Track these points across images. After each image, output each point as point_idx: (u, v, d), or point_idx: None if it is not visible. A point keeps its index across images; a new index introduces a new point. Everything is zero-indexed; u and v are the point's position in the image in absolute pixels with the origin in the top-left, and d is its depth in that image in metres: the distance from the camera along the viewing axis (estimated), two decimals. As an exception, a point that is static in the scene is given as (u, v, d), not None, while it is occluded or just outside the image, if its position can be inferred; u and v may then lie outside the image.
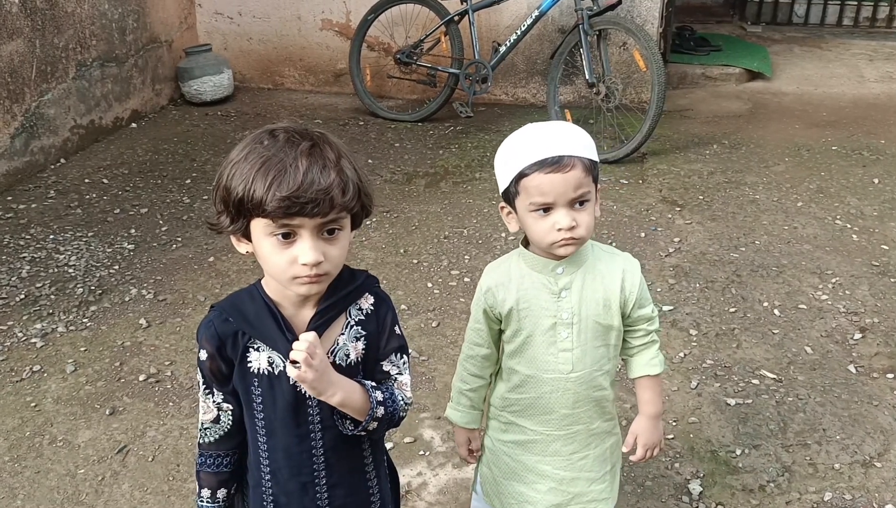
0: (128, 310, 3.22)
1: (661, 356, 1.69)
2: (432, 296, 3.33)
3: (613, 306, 1.59)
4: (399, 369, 1.43)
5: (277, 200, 1.16)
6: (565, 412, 1.63)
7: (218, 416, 1.38)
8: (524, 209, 1.49)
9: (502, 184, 1.52)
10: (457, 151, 4.88)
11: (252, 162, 1.19)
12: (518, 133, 1.51)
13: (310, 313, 1.33)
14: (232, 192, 1.21)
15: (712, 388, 2.77)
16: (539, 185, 1.44)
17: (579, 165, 1.44)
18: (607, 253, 1.63)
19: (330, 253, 1.24)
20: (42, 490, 2.33)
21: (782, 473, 2.42)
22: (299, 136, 1.22)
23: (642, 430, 1.71)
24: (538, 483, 1.71)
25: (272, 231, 1.20)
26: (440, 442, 2.51)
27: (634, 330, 1.65)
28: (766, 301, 3.29)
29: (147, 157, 4.79)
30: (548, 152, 1.43)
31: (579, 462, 1.69)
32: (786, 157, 4.77)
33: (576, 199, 1.46)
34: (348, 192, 1.22)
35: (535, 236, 1.50)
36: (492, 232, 3.86)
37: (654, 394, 1.70)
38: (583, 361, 1.59)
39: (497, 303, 1.60)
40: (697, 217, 4.01)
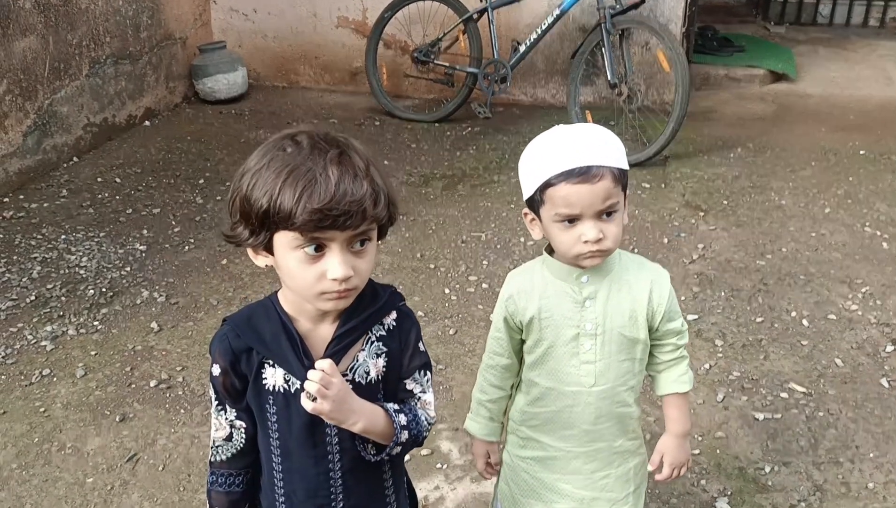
0: (139, 313, 3.16)
1: (690, 373, 1.61)
2: (450, 302, 3.25)
3: (640, 319, 1.51)
4: (423, 387, 1.36)
5: (309, 212, 1.08)
6: (587, 427, 1.56)
7: (230, 434, 1.31)
8: (549, 219, 1.41)
9: (527, 192, 1.45)
10: (475, 153, 4.80)
11: (276, 170, 1.11)
12: (544, 137, 1.43)
13: (329, 330, 1.26)
14: (254, 203, 1.12)
15: (739, 402, 2.67)
16: (565, 196, 1.36)
17: (608, 176, 1.37)
18: (635, 263, 1.55)
19: (359, 267, 1.17)
20: (50, 500, 2.27)
21: (813, 492, 2.32)
22: (325, 142, 1.14)
23: (669, 449, 1.63)
24: (557, 503, 1.63)
25: (300, 244, 1.13)
26: (458, 455, 2.43)
27: (662, 345, 1.58)
28: (794, 311, 3.19)
29: (160, 156, 4.73)
30: (575, 162, 1.35)
31: (601, 481, 1.61)
32: (812, 161, 4.65)
33: (603, 210, 1.39)
34: (380, 202, 1.15)
35: (560, 247, 1.44)
36: (510, 237, 3.77)
37: (682, 412, 1.63)
38: (606, 375, 1.52)
39: (518, 311, 1.53)
40: (722, 223, 3.91)
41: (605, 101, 5.20)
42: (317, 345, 1.25)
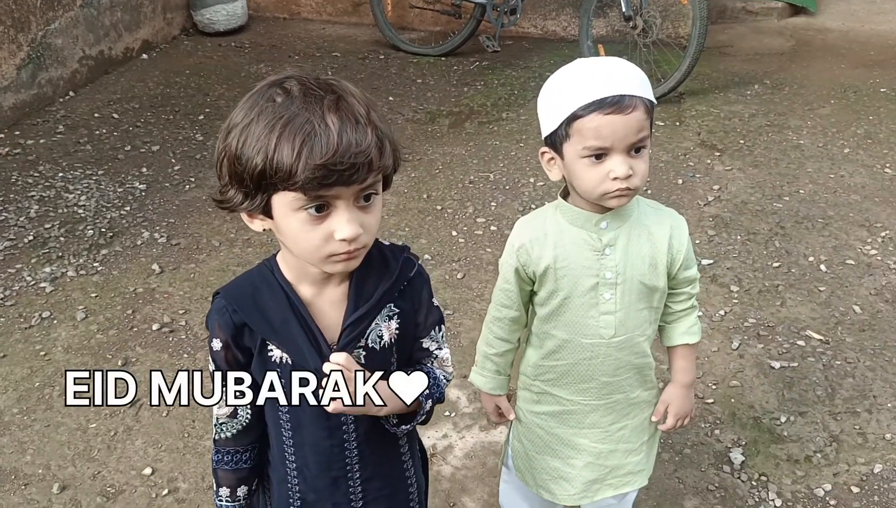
0: (140, 254, 3.08)
1: (699, 324, 1.55)
2: (457, 245, 3.17)
3: (660, 266, 1.44)
4: (438, 343, 1.28)
5: (311, 169, 0.97)
6: (605, 379, 1.49)
7: (235, 410, 1.23)
8: (574, 155, 1.31)
9: (549, 126, 1.34)
10: (482, 89, 4.65)
11: (268, 123, 0.99)
12: (569, 68, 1.32)
13: (335, 293, 1.17)
14: (247, 162, 1.00)
15: (755, 349, 2.61)
16: (597, 127, 1.27)
17: (641, 106, 1.28)
18: (653, 208, 1.47)
19: (367, 222, 1.07)
20: (52, 445, 2.23)
21: (829, 443, 2.28)
22: (318, 87, 1.02)
23: (675, 398, 1.58)
24: (574, 458, 1.58)
25: (302, 205, 1.02)
26: (466, 403, 2.39)
27: (677, 293, 1.51)
28: (812, 256, 3.10)
29: (158, 90, 4.59)
30: (607, 91, 1.25)
31: (618, 433, 1.56)
32: (831, 99, 4.50)
33: (634, 144, 1.30)
34: (385, 151, 1.03)
35: (586, 184, 1.33)
36: (519, 177, 3.67)
37: (690, 362, 1.57)
38: (625, 325, 1.45)
39: (531, 261, 1.44)
40: (738, 163, 3.79)
41: (618, 34, 5.02)
42: (324, 311, 1.17)
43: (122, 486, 2.10)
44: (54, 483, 2.10)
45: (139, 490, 2.09)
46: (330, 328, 1.17)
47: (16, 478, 2.14)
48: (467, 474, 2.15)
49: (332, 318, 1.17)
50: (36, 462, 2.18)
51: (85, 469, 2.16)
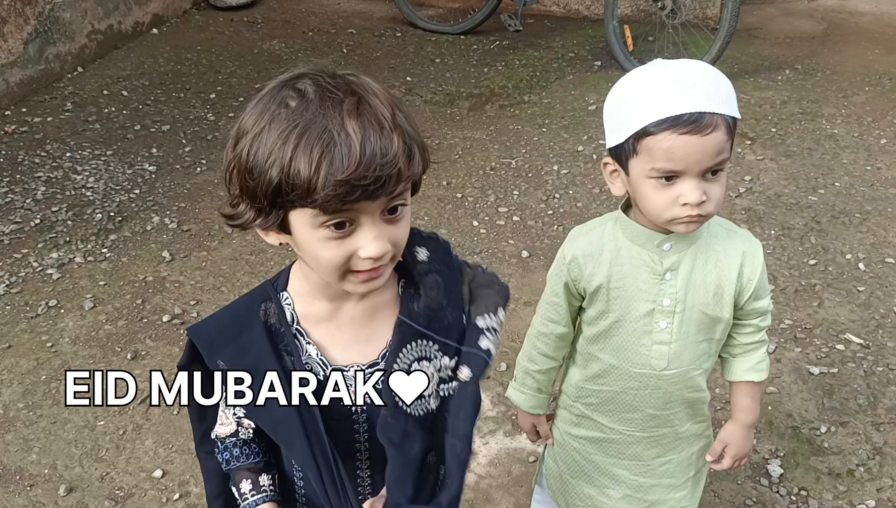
0: (150, 240, 2.97)
1: (767, 360, 1.40)
2: (479, 236, 3.04)
3: (726, 296, 1.29)
4: None
5: (332, 185, 0.85)
6: (652, 412, 1.38)
7: (236, 431, 1.13)
8: (641, 174, 1.18)
9: (614, 137, 1.20)
10: (503, 70, 4.49)
11: (282, 132, 0.87)
12: (642, 73, 1.18)
13: (354, 310, 1.06)
14: (260, 176, 0.88)
15: (793, 353, 2.49)
16: (669, 148, 1.12)
17: (722, 126, 1.12)
18: (725, 229, 1.32)
19: (396, 235, 0.95)
20: (59, 444, 2.14)
21: (873, 455, 2.16)
22: (336, 88, 0.89)
23: (734, 439, 1.44)
24: (610, 489, 1.47)
25: (323, 222, 0.90)
26: (490, 406, 2.28)
27: (744, 325, 1.36)
28: (850, 253, 2.97)
29: (169, 67, 4.46)
30: (685, 106, 1.10)
31: (661, 467, 1.44)
32: (865, 86, 4.33)
33: (711, 168, 1.15)
34: (415, 157, 0.91)
35: (652, 208, 1.20)
36: (542, 164, 3.53)
37: (754, 400, 1.43)
38: (680, 357, 1.32)
39: (583, 277, 1.32)
40: (770, 153, 3.64)
41: (644, 14, 4.85)
42: (342, 329, 1.06)
43: (132, 489, 2.01)
44: (61, 485, 2.01)
45: (149, 494, 2.00)
46: (345, 347, 1.06)
47: (21, 478, 2.05)
48: (492, 483, 2.05)
49: (348, 337, 1.06)
50: (42, 462, 2.09)
51: (93, 469, 2.06)
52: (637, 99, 1.15)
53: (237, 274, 2.78)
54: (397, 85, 4.30)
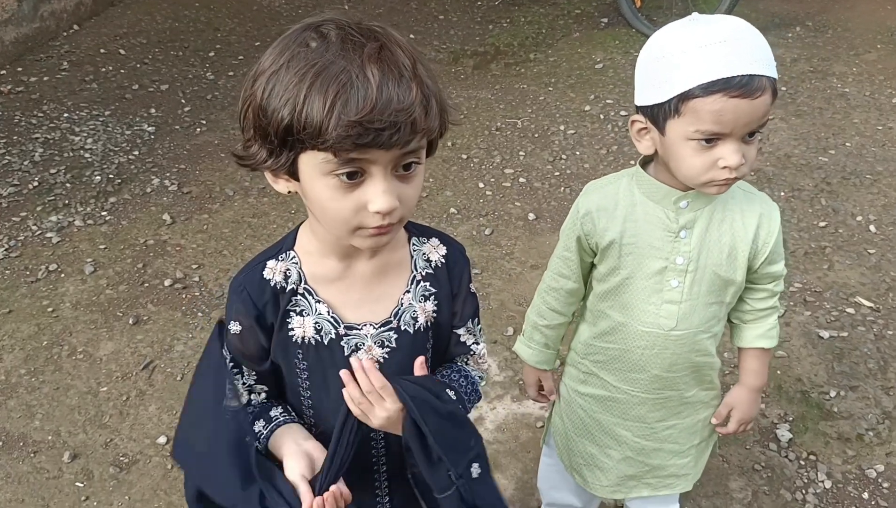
0: (150, 203, 2.93)
1: (778, 327, 1.37)
2: (484, 198, 3.00)
3: (740, 258, 1.26)
4: (475, 337, 1.15)
5: (345, 125, 0.82)
6: (657, 373, 1.35)
7: (249, 401, 1.10)
8: (681, 136, 1.13)
9: (652, 96, 1.14)
10: (508, 27, 4.40)
11: (299, 72, 0.84)
12: (684, 30, 1.11)
13: (365, 267, 1.04)
14: (272, 114, 0.86)
15: (802, 317, 2.46)
16: (719, 111, 1.08)
17: (769, 89, 1.09)
18: (743, 191, 1.28)
19: (406, 194, 0.92)
20: (62, 410, 2.12)
21: (882, 420, 2.15)
22: (359, 34, 0.86)
23: (740, 402, 1.42)
24: (612, 449, 1.46)
25: (333, 169, 0.87)
26: (497, 371, 2.26)
27: (757, 289, 1.33)
28: (860, 215, 2.92)
29: (167, 24, 4.36)
30: (735, 69, 1.06)
31: (664, 431, 1.42)
32: (878, 43, 4.24)
33: (753, 130, 1.11)
34: (431, 110, 0.88)
35: (689, 170, 1.16)
36: (549, 124, 3.47)
37: (762, 365, 1.40)
38: (689, 318, 1.29)
39: (596, 232, 1.29)
40: (780, 112, 3.57)
41: (652, -30, 4.73)
42: (353, 288, 1.04)
43: (136, 456, 2.00)
44: (65, 451, 2.00)
45: (153, 461, 1.98)
46: (357, 305, 1.04)
47: (24, 445, 2.03)
48: (499, 448, 2.04)
49: (359, 295, 1.04)
50: (45, 428, 2.07)
51: (97, 436, 2.05)
52: (683, 58, 1.09)
53: (239, 237, 2.74)
54: (400, 43, 4.21)
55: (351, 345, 1.03)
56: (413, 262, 1.07)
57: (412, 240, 1.08)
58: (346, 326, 1.03)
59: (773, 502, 1.94)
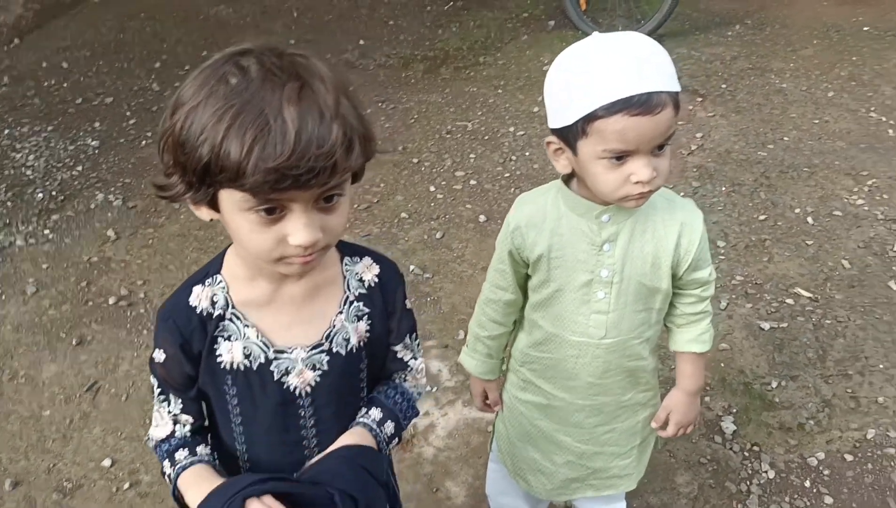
0: (94, 219, 2.89)
1: (711, 331, 1.40)
2: (435, 201, 3.01)
3: (664, 266, 1.29)
4: (413, 352, 1.16)
5: (263, 172, 0.81)
6: (592, 380, 1.37)
7: (173, 431, 1.08)
8: (591, 155, 1.15)
9: (560, 119, 1.16)
10: (458, 31, 4.42)
11: (217, 110, 0.83)
12: (583, 52, 1.13)
13: (295, 289, 1.03)
14: (191, 151, 0.85)
15: (744, 309, 2.52)
16: (622, 130, 1.10)
17: (670, 103, 1.10)
18: (665, 200, 1.30)
19: (329, 225, 0.92)
20: (2, 437, 2.09)
21: (822, 408, 2.20)
22: (280, 69, 0.85)
23: (678, 405, 1.44)
24: (555, 454, 1.48)
25: (252, 206, 0.87)
26: (448, 375, 2.27)
27: (685, 295, 1.36)
28: (798, 207, 3.00)
29: (111, 36, 4.31)
30: (634, 88, 1.08)
31: (604, 435, 1.45)
32: (814, 39, 4.34)
33: (660, 144, 1.14)
34: (354, 149, 0.87)
35: (603, 187, 1.18)
36: (499, 126, 3.50)
37: (698, 367, 1.43)
38: (618, 327, 1.31)
39: (525, 246, 1.31)
40: (721, 109, 3.65)
41: (595, -28, 4.79)
42: (282, 310, 1.03)
43: (80, 480, 1.97)
44: (6, 479, 1.96)
45: (98, 484, 1.96)
46: (287, 328, 1.04)
47: (-35, 472, 2.00)
48: (450, 455, 2.05)
49: (290, 318, 1.04)
50: (-13, 454, 2.04)
51: (39, 461, 2.02)
52: (582, 81, 1.11)
53: (185, 251, 2.72)
54: (350, 49, 4.21)
55: (281, 369, 1.03)
56: (345, 282, 1.07)
57: (344, 260, 1.08)
58: (275, 350, 1.02)
59: (718, 494, 1.98)
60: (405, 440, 2.07)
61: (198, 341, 1.01)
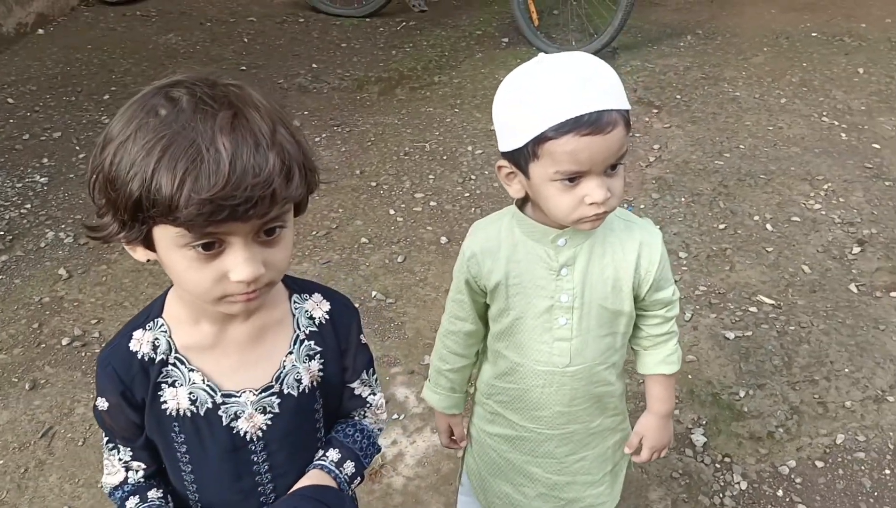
0: (45, 258, 2.80)
1: (679, 352, 1.37)
2: (395, 225, 2.98)
3: (625, 289, 1.26)
4: (371, 388, 1.12)
5: (196, 204, 0.78)
6: (559, 409, 1.34)
7: (126, 478, 1.05)
8: (543, 177, 1.12)
9: (510, 142, 1.14)
10: (411, 52, 4.41)
11: (147, 144, 0.80)
12: (530, 73, 1.11)
13: (241, 331, 0.99)
14: (121, 187, 0.81)
15: (708, 320, 2.52)
16: (573, 151, 1.07)
17: (620, 122, 1.08)
18: (622, 221, 1.28)
19: (272, 259, 0.88)
20: (-46, 489, 2.00)
21: (791, 416, 2.21)
22: (212, 99, 0.82)
23: (650, 430, 1.40)
24: (526, 487, 1.44)
25: (188, 242, 0.83)
26: (415, 402, 2.23)
27: (649, 316, 1.33)
28: (757, 215, 3.02)
29: (58, 69, 4.21)
30: (583, 107, 1.05)
31: (575, 464, 1.41)
32: (764, 46, 4.42)
33: (613, 164, 1.12)
34: (293, 178, 0.84)
35: (557, 210, 1.15)
36: (457, 145, 3.48)
37: (668, 390, 1.39)
38: (582, 353, 1.28)
39: (482, 274, 1.27)
40: (676, 120, 3.68)
41: (547, -13, 4.83)
42: (229, 353, 0.99)
43: (37, 531, 1.89)
44: (-42, 535, 1.88)
45: (57, 535, 1.88)
46: (234, 371, 0.99)
47: (-87, 531, 1.90)
48: (420, 484, 2.01)
49: (236, 361, 1.00)
50: (-64, 510, 1.95)
51: (-7, 514, 1.93)
52: (531, 103, 1.09)
53: (140, 287, 2.64)
54: (303, 73, 4.17)
55: (230, 414, 0.99)
56: (295, 321, 1.03)
57: (293, 297, 1.04)
58: (223, 394, 0.98)
59: (692, 508, 1.97)
60: (373, 471, 2.02)
61: (140, 388, 0.97)
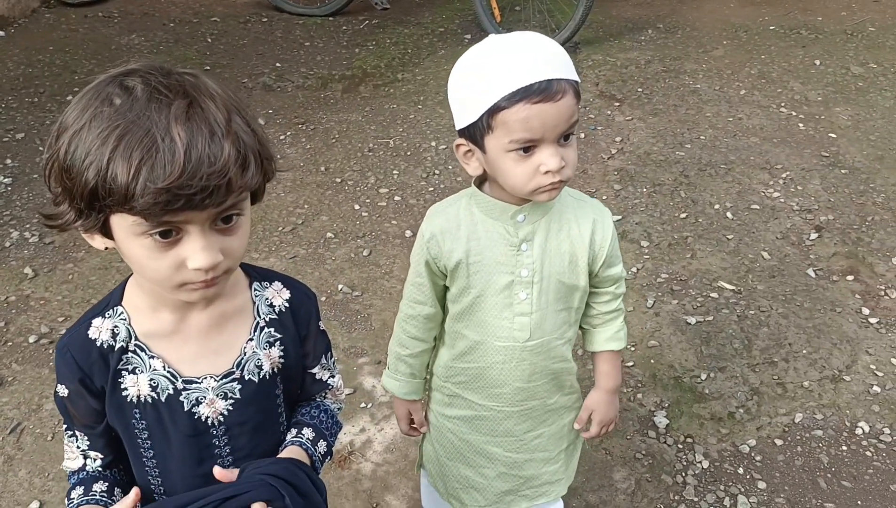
0: (10, 257, 2.78)
1: (625, 328, 1.44)
2: (360, 220, 3.00)
3: (581, 264, 1.31)
4: (331, 371, 1.15)
5: (152, 193, 0.79)
6: (519, 385, 1.38)
7: (84, 465, 1.06)
8: (499, 149, 1.16)
9: (465, 118, 1.18)
10: (374, 49, 4.43)
11: (102, 133, 0.81)
12: (482, 50, 1.16)
13: (201, 318, 1.01)
14: (77, 176, 0.82)
15: (670, 306, 2.58)
16: (525, 118, 1.12)
17: (570, 91, 1.13)
18: (575, 199, 1.33)
19: (229, 246, 0.90)
20: (-80, 489, 1.98)
21: (751, 397, 2.27)
22: (167, 89, 0.83)
23: (599, 405, 1.47)
24: (486, 468, 1.48)
25: (145, 230, 0.84)
26: (382, 392, 2.25)
27: (600, 293, 1.39)
28: (717, 203, 3.09)
29: (20, 71, 4.17)
30: (533, 76, 1.10)
31: (533, 441, 1.46)
32: (724, 40, 4.51)
33: (565, 132, 1.16)
34: (249, 167, 0.86)
35: (515, 180, 1.19)
36: (420, 141, 3.51)
37: (615, 366, 1.46)
38: (541, 327, 1.33)
39: (442, 254, 1.31)
40: (638, 112, 3.74)
41: (510, -16, 4.87)
42: (189, 340, 1.01)
43: (6, 527, 1.89)
44: (-76, 534, 1.87)
45: (25, 530, 1.88)
46: (195, 358, 1.01)
47: None
48: (389, 469, 2.03)
49: (197, 348, 1.02)
50: None
51: (-40, 512, 1.92)
52: (482, 77, 1.13)
53: (108, 284, 2.64)
54: (267, 72, 4.17)
55: (191, 399, 1.01)
56: (255, 308, 1.05)
57: (253, 285, 1.06)
58: (184, 380, 1.00)
59: (655, 488, 2.02)
60: (342, 457, 2.05)
61: (99, 375, 0.98)
